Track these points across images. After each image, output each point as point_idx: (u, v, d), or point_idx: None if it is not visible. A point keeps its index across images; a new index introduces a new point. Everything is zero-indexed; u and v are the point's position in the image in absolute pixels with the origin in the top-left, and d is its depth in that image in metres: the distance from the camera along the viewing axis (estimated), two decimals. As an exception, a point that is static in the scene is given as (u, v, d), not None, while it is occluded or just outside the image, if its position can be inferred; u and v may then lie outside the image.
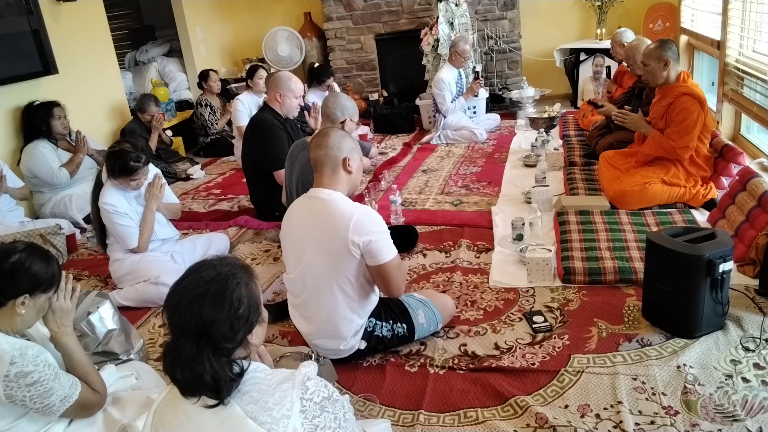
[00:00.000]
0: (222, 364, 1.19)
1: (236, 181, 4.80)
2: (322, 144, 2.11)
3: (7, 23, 4.00)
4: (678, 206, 3.24)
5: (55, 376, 1.60)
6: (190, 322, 1.20)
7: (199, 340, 1.19)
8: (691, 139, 3.18)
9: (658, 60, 3.20)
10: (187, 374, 1.18)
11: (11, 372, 1.52)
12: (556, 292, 2.60)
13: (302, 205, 2.18)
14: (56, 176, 4.01)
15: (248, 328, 1.26)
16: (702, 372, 1.99)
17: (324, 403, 1.24)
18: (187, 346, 1.18)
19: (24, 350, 1.57)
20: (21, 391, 1.54)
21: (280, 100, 3.53)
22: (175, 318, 1.22)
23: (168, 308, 1.24)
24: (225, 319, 1.21)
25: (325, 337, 2.17)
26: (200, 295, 1.21)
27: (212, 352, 1.19)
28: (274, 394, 1.20)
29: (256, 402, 1.19)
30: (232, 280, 1.24)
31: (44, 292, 1.67)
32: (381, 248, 2.05)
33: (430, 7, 6.07)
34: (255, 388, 1.21)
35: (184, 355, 1.18)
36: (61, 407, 1.61)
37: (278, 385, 1.22)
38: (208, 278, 1.24)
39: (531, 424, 1.85)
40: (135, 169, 2.82)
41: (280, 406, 1.18)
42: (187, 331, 1.20)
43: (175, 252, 3.10)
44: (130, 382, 1.98)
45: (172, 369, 1.19)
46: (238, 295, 1.24)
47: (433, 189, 4.14)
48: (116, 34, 5.91)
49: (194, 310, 1.20)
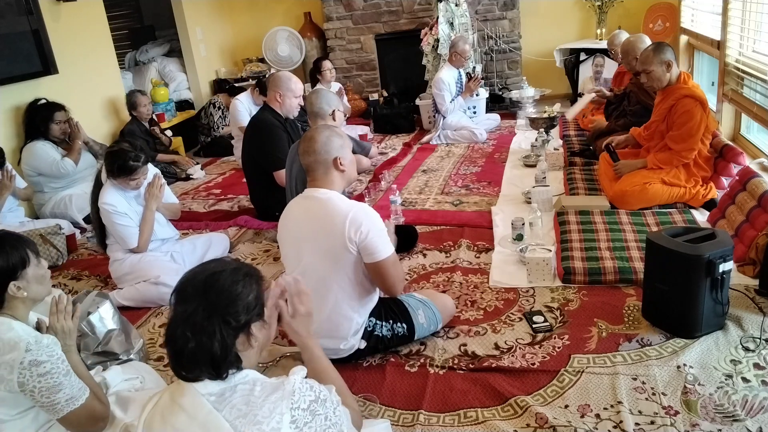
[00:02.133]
0: (230, 334, 1.23)
1: (236, 181, 4.80)
2: (309, 150, 2.10)
3: (7, 23, 4.00)
4: (678, 206, 3.24)
5: (67, 372, 1.60)
6: (205, 293, 1.25)
7: (210, 309, 1.23)
8: (695, 142, 3.18)
9: (660, 64, 3.19)
10: (194, 340, 1.20)
11: (26, 359, 1.53)
12: (556, 292, 2.60)
13: (298, 206, 2.17)
14: (61, 167, 4.00)
15: (252, 318, 1.29)
16: (702, 372, 1.99)
17: (312, 406, 1.24)
18: (199, 312, 1.22)
19: (39, 339, 1.58)
20: (32, 380, 1.54)
21: (280, 100, 3.53)
22: (189, 290, 1.26)
23: (181, 283, 1.29)
24: (234, 298, 1.26)
25: (325, 337, 2.16)
26: (215, 273, 1.28)
27: (221, 322, 1.23)
28: (263, 406, 1.19)
29: (245, 416, 1.18)
30: (244, 271, 1.32)
31: (24, 268, 1.67)
32: (377, 244, 2.04)
33: (430, 7, 6.07)
34: (243, 400, 1.20)
35: (195, 320, 1.21)
36: (66, 407, 1.60)
37: (267, 396, 1.21)
38: (224, 264, 1.32)
39: (531, 424, 1.85)
40: (134, 169, 2.82)
41: (269, 419, 1.17)
42: (200, 300, 1.24)
43: (175, 252, 3.10)
44: (135, 385, 1.98)
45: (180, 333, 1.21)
46: (249, 283, 1.30)
47: (433, 189, 4.14)
48: (116, 34, 5.90)
49: (209, 283, 1.26)
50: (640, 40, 4.00)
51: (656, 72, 3.22)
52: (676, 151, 3.22)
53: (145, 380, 2.04)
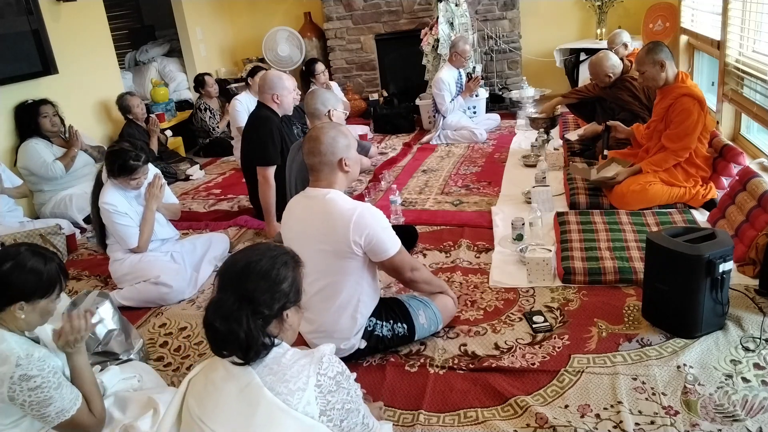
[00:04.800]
0: (257, 325, 1.31)
1: (236, 181, 4.80)
2: (314, 151, 2.08)
3: (7, 23, 4.00)
4: (678, 206, 3.24)
5: (57, 386, 1.59)
6: (238, 284, 1.33)
7: (241, 300, 1.31)
8: (692, 141, 3.18)
9: (653, 64, 3.19)
10: (224, 327, 1.29)
11: (15, 374, 1.52)
12: (556, 292, 2.60)
13: (300, 205, 2.17)
14: (51, 169, 3.99)
15: (286, 304, 1.38)
16: (702, 372, 1.99)
17: (338, 378, 1.34)
18: (230, 301, 1.31)
19: (30, 352, 1.57)
20: (23, 394, 1.54)
21: (278, 100, 3.52)
22: (225, 278, 1.36)
23: (221, 271, 1.38)
24: (267, 288, 1.34)
25: (326, 336, 2.16)
26: (251, 263, 1.36)
27: (251, 313, 1.31)
28: (293, 367, 1.31)
29: (275, 374, 1.30)
30: (281, 259, 1.39)
31: (42, 298, 1.63)
32: (384, 242, 2.05)
33: (430, 7, 6.07)
34: (276, 362, 1.32)
35: (226, 308, 1.30)
36: (56, 419, 1.61)
37: (297, 360, 1.33)
38: (262, 252, 1.39)
39: (531, 424, 1.85)
40: (135, 168, 2.82)
41: (297, 379, 1.29)
42: (233, 290, 1.33)
43: (175, 252, 3.09)
44: (133, 384, 1.98)
45: (213, 318, 1.30)
46: (284, 272, 1.38)
47: (433, 189, 4.14)
48: (116, 34, 5.90)
49: (243, 275, 1.34)
50: (607, 56, 4.06)
51: (650, 72, 3.22)
52: (672, 150, 3.22)
53: (143, 379, 2.03)
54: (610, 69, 4.00)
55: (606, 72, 4.02)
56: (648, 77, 3.25)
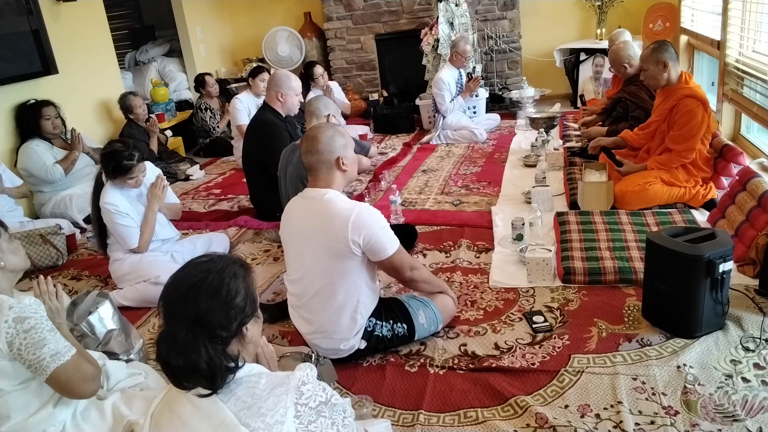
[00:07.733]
0: (217, 351, 1.19)
1: (236, 181, 4.80)
2: (312, 149, 2.09)
3: (7, 23, 4.00)
4: (678, 206, 3.24)
5: (51, 329, 1.60)
6: (187, 309, 1.20)
7: (194, 327, 1.18)
8: (696, 142, 3.18)
9: (656, 63, 3.19)
10: (182, 361, 1.17)
11: (10, 316, 1.55)
12: (556, 292, 2.60)
13: (299, 206, 2.17)
14: (50, 173, 3.99)
15: (243, 320, 1.25)
16: (702, 372, 1.99)
17: (320, 408, 1.23)
18: (183, 332, 1.18)
19: (21, 299, 1.60)
20: (19, 337, 1.55)
21: (282, 99, 3.53)
22: (171, 306, 1.22)
23: (164, 297, 1.24)
24: (220, 307, 1.21)
25: (326, 337, 2.17)
26: (197, 283, 1.22)
27: (208, 339, 1.18)
28: (268, 399, 1.19)
29: (249, 407, 1.18)
30: (229, 271, 1.25)
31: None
32: (383, 241, 2.06)
33: (430, 7, 6.07)
34: (248, 393, 1.20)
35: (180, 341, 1.17)
36: (52, 363, 1.57)
37: (272, 389, 1.21)
38: (205, 269, 1.25)
39: (531, 424, 1.85)
40: (129, 168, 2.81)
41: (274, 412, 1.17)
42: (183, 317, 1.19)
43: (175, 252, 3.10)
44: (139, 380, 1.98)
45: (167, 355, 1.18)
46: (235, 285, 1.24)
47: (433, 189, 4.14)
48: (116, 34, 5.90)
49: (190, 298, 1.20)
50: (627, 46, 4.00)
51: (651, 71, 3.22)
52: (676, 151, 3.22)
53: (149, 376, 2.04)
54: (627, 59, 3.92)
55: (622, 61, 3.94)
56: (649, 76, 3.25)
